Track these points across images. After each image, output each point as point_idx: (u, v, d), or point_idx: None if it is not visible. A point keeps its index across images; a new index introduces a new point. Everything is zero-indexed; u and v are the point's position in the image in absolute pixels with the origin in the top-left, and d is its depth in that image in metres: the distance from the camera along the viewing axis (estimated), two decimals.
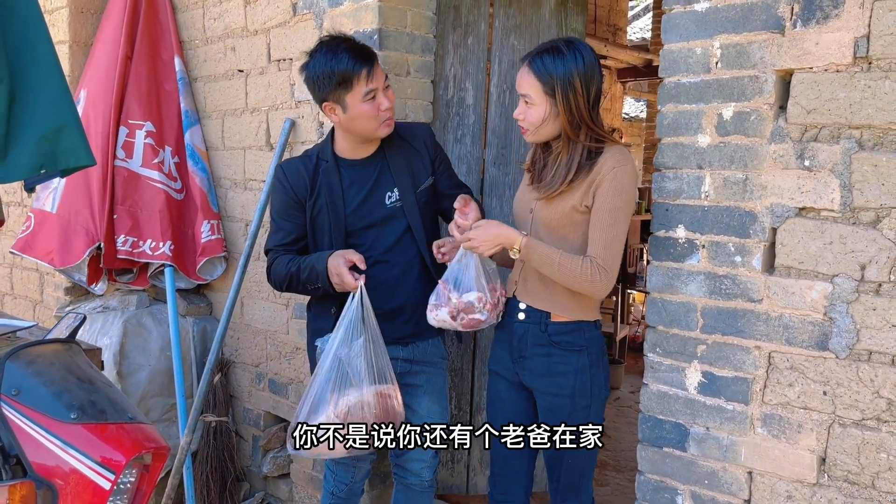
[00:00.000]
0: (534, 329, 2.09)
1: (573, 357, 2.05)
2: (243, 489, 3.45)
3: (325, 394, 2.07)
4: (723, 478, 1.96)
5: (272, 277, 2.36)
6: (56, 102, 1.55)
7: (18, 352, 1.48)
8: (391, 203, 2.30)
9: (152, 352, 3.44)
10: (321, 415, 2.06)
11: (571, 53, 1.96)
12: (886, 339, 1.69)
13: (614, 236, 1.95)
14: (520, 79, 2.03)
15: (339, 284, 2.13)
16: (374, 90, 2.15)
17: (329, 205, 2.27)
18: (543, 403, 2.10)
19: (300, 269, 2.23)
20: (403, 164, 2.32)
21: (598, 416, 2.10)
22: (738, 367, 1.92)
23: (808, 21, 1.76)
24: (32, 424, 1.39)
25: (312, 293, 2.33)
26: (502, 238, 1.99)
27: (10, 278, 4.36)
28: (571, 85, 1.95)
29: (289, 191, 2.30)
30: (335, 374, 2.07)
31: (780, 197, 1.83)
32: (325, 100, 2.19)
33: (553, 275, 1.97)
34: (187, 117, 3.52)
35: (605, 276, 1.93)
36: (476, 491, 3.29)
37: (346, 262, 2.12)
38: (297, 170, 2.31)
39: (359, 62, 2.13)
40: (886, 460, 1.70)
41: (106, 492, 1.38)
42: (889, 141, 1.67)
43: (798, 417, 1.83)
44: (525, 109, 2.03)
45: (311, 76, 2.19)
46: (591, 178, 1.97)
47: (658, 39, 6.80)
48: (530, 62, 2.00)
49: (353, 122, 2.19)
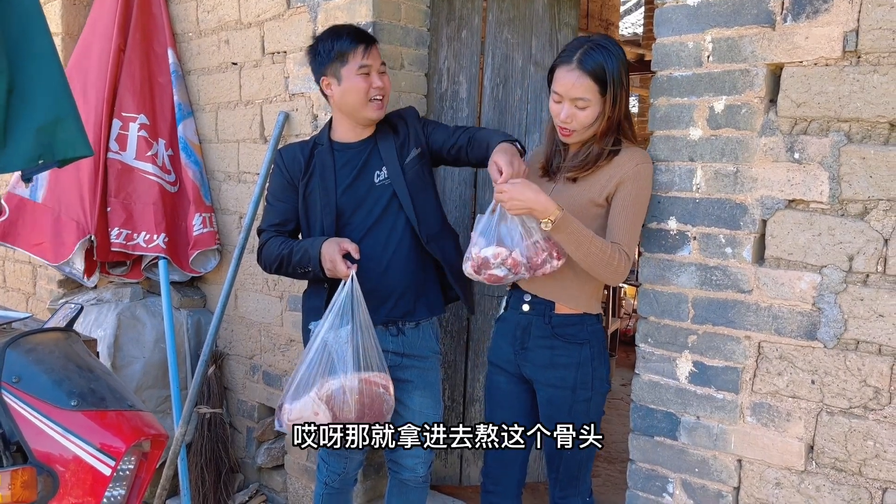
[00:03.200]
0: (537, 321, 2.10)
1: (576, 350, 2.07)
2: (237, 480, 3.47)
3: (311, 376, 2.11)
4: (713, 466, 1.99)
5: (263, 258, 2.41)
6: (54, 94, 1.56)
7: (18, 340, 1.50)
8: (380, 181, 2.36)
9: (146, 344, 3.45)
10: (306, 396, 2.09)
11: (613, 46, 1.96)
12: (873, 328, 1.72)
13: (637, 225, 1.98)
14: (568, 82, 1.96)
15: (331, 271, 2.18)
16: (369, 66, 2.28)
17: (321, 184, 2.34)
18: (544, 395, 2.11)
19: (292, 252, 2.29)
20: (392, 143, 2.38)
21: (598, 409, 2.12)
22: (729, 357, 1.95)
23: (799, 15, 1.79)
24: (33, 411, 1.41)
25: (301, 277, 2.38)
26: (536, 203, 1.87)
27: (3, 270, 4.36)
28: (620, 80, 1.95)
29: (284, 173, 2.39)
30: (321, 357, 2.11)
31: (770, 189, 1.85)
32: (324, 74, 2.32)
33: (583, 253, 1.90)
34: (180, 110, 3.52)
35: (626, 263, 1.94)
36: (469, 482, 3.32)
37: (341, 250, 2.16)
38: (294, 153, 2.41)
39: (357, 40, 2.28)
40: (873, 447, 1.73)
41: (106, 478, 1.39)
42: (877, 134, 1.70)
43: (787, 406, 1.86)
44: (575, 112, 1.97)
45: (313, 52, 2.35)
46: (612, 173, 1.98)
47: (650, 34, 6.82)
48: (580, 63, 1.94)
49: (345, 95, 2.29)
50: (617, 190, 1.96)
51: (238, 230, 3.45)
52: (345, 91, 2.29)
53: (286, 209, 2.40)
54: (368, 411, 2.16)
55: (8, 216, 3.42)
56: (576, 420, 2.07)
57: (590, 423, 2.09)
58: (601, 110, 1.97)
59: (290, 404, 2.13)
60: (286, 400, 2.14)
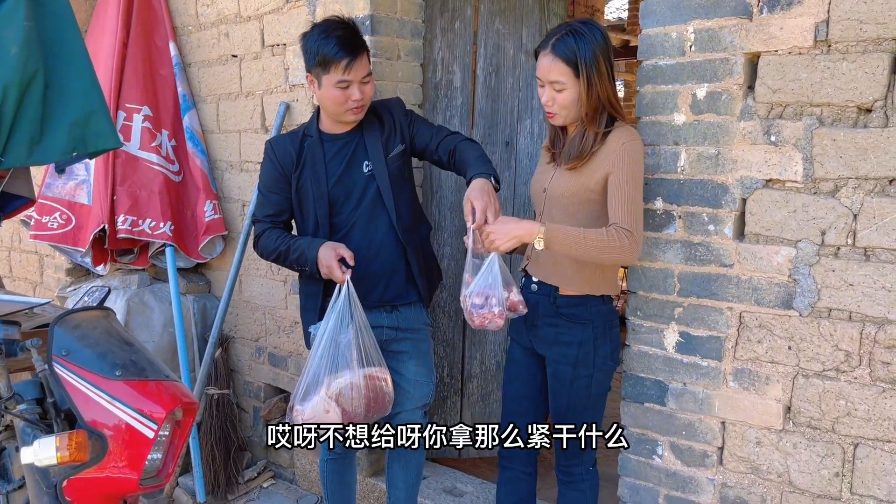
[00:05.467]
0: (544, 300, 2.20)
1: (578, 329, 2.16)
2: (246, 458, 3.60)
3: (318, 377, 2.23)
4: (699, 428, 2.14)
5: (260, 248, 2.51)
6: (86, 89, 1.68)
7: (64, 318, 1.63)
8: (367, 172, 2.46)
9: (155, 328, 3.57)
10: (316, 396, 2.22)
11: (590, 31, 2.02)
12: (844, 297, 1.87)
13: (635, 200, 2.00)
14: (544, 67, 2.04)
15: (328, 275, 2.29)
16: (349, 82, 2.31)
17: (312, 176, 2.44)
18: (551, 370, 2.23)
19: (289, 250, 2.39)
20: (377, 135, 2.47)
21: (601, 385, 2.21)
22: (712, 327, 2.09)
23: (774, 7, 1.92)
24: (82, 381, 1.54)
25: (298, 272, 2.52)
26: (520, 231, 2.00)
27: (9, 261, 4.46)
28: (596, 62, 2.00)
29: (276, 164, 2.47)
30: (327, 359, 2.23)
31: (749, 170, 2.00)
32: (309, 71, 2.38)
33: (581, 253, 1.98)
34: (185, 101, 3.62)
35: (632, 239, 1.95)
36: (469, 455, 3.46)
37: (336, 256, 2.27)
38: (284, 145, 2.49)
39: (343, 51, 2.27)
40: (845, 406, 1.89)
41: (150, 440, 1.53)
42: (846, 117, 1.84)
43: (766, 371, 2.01)
44: (554, 95, 2.05)
45: (303, 47, 2.39)
46: (602, 156, 2.05)
47: (635, 20, 6.93)
48: (553, 48, 2.02)
49: (324, 100, 2.39)
50: (609, 175, 2.03)
51: (241, 217, 3.57)
52: (323, 97, 2.37)
53: (279, 200, 2.50)
54: (374, 405, 2.30)
55: (76, 223, 3.55)
56: (577, 394, 2.18)
57: (592, 404, 2.20)
58: (580, 91, 2.03)
59: (301, 406, 2.24)
60: (296, 402, 2.25)
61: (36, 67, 1.58)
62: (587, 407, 2.20)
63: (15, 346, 1.68)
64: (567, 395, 2.19)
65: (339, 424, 2.21)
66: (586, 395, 2.19)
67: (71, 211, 3.58)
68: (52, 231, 3.55)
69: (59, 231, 3.56)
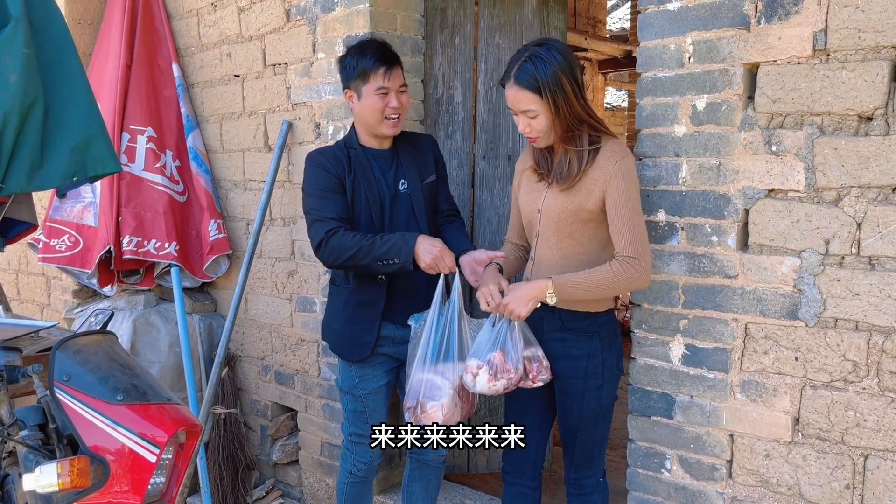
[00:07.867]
0: (549, 316, 2.19)
1: (585, 341, 2.16)
2: (254, 477, 3.60)
3: (441, 371, 2.18)
4: (707, 441, 2.12)
5: (330, 247, 2.38)
6: (85, 115, 1.69)
7: (66, 343, 1.63)
8: (403, 189, 2.54)
9: (162, 348, 3.58)
10: (447, 390, 2.16)
11: (548, 53, 2.00)
12: (850, 306, 1.85)
13: (635, 222, 2.01)
14: (511, 98, 2.06)
15: (430, 266, 2.25)
16: (388, 89, 2.42)
17: (364, 181, 2.49)
18: (559, 386, 2.21)
19: (375, 244, 2.31)
20: (412, 160, 2.56)
21: (610, 395, 2.21)
22: (718, 339, 2.08)
23: (771, 17, 1.92)
24: (84, 406, 1.54)
25: (370, 269, 2.38)
26: (533, 292, 2.06)
27: (17, 284, 4.48)
28: (559, 84, 2.00)
29: (329, 169, 2.48)
30: (443, 351, 2.20)
31: (751, 180, 1.99)
32: (348, 87, 2.49)
33: (593, 294, 2.04)
34: (188, 121, 3.65)
35: (638, 265, 1.98)
36: (477, 470, 3.44)
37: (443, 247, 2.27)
38: (334, 154, 2.52)
39: (380, 61, 2.41)
40: (854, 417, 1.87)
41: (152, 465, 1.52)
42: (847, 126, 1.83)
43: (773, 382, 1.99)
44: (529, 122, 2.06)
45: (341, 64, 2.51)
46: (596, 175, 2.04)
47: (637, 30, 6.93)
48: (515, 78, 2.03)
49: (363, 110, 2.46)
50: (606, 196, 2.02)
51: (246, 236, 3.58)
52: (363, 107, 2.44)
53: (343, 201, 2.47)
54: (471, 398, 2.27)
55: (83, 245, 3.58)
56: (588, 406, 2.18)
57: (602, 415, 2.20)
58: (552, 114, 2.03)
59: (437, 401, 2.16)
60: (423, 397, 2.17)
61: (35, 94, 1.59)
62: (598, 418, 2.20)
63: (17, 372, 1.68)
64: (578, 408, 2.18)
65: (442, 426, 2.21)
66: (597, 407, 2.19)
67: (79, 233, 3.60)
68: (60, 254, 3.57)
69: (68, 253, 3.58)
